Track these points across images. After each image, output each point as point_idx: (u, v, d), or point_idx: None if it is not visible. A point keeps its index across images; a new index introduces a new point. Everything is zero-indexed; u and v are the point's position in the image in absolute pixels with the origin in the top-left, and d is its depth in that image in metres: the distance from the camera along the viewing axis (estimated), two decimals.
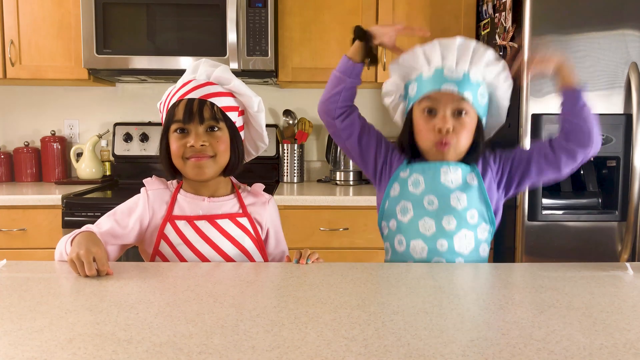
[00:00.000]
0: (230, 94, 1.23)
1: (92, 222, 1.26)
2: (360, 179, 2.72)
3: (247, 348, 0.70)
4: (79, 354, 0.68)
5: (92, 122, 2.87)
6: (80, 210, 2.17)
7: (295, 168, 2.75)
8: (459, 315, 0.83)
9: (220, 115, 1.19)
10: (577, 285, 1.01)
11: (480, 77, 1.21)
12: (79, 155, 2.73)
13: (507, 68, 1.25)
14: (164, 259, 1.22)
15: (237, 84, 1.22)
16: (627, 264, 1.14)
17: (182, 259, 1.21)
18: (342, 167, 2.70)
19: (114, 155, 2.75)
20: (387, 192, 1.27)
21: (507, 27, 2.12)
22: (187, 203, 1.24)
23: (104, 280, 1.02)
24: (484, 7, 2.42)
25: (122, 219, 1.23)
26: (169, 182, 1.30)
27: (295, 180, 2.76)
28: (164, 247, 1.21)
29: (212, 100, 1.19)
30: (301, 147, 2.77)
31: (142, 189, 1.26)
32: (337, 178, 2.69)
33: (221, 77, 1.22)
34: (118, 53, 2.37)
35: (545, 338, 0.74)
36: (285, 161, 2.74)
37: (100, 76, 2.54)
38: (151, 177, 1.29)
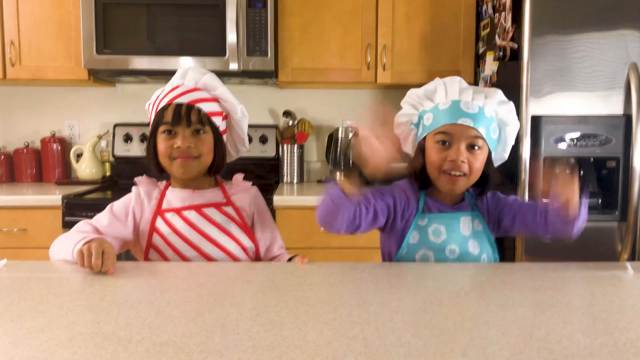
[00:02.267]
0: (216, 99, 1.31)
1: None
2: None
3: (247, 348, 0.70)
4: (79, 353, 0.68)
5: (92, 123, 2.87)
6: (80, 210, 2.17)
7: (295, 168, 2.75)
8: (459, 315, 0.83)
9: (205, 119, 1.27)
10: (577, 285, 1.01)
11: (493, 113, 1.25)
12: (79, 155, 2.73)
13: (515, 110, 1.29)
14: (157, 251, 1.28)
15: (222, 91, 1.30)
16: (627, 264, 1.14)
17: (173, 248, 1.27)
18: (342, 168, 2.70)
19: (114, 155, 2.75)
20: (407, 240, 1.27)
21: (507, 27, 2.13)
22: (174, 197, 1.32)
23: (104, 280, 1.02)
24: (484, 7, 2.42)
25: (119, 215, 1.30)
26: (158, 182, 1.38)
27: (295, 181, 2.76)
28: (156, 239, 1.28)
29: (199, 105, 1.27)
30: (301, 147, 2.77)
31: (134, 187, 1.35)
32: (337, 178, 2.69)
33: (208, 84, 1.30)
34: (118, 53, 2.37)
35: (545, 338, 0.74)
36: (285, 162, 2.74)
37: (100, 76, 2.54)
38: (142, 176, 1.37)
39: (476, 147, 1.22)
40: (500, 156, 1.35)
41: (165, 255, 1.28)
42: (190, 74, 1.31)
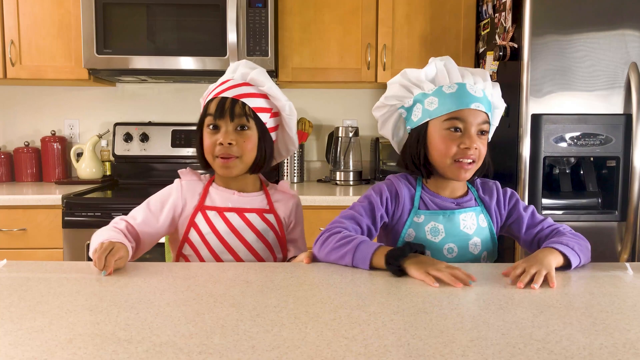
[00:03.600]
0: (265, 95, 1.28)
1: (92, 223, 1.29)
2: (360, 179, 2.72)
3: (247, 348, 0.70)
4: (79, 354, 0.68)
5: (92, 122, 2.87)
6: (80, 210, 2.17)
7: (295, 168, 2.75)
8: (459, 315, 0.83)
9: (251, 114, 1.24)
10: (577, 285, 1.01)
11: (490, 96, 1.22)
12: (79, 155, 2.73)
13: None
14: (192, 247, 1.28)
15: (270, 87, 1.27)
16: (627, 264, 1.14)
17: (209, 247, 1.27)
18: (342, 167, 2.70)
19: (114, 155, 2.75)
20: (402, 238, 1.24)
21: (507, 27, 2.13)
22: (218, 195, 1.31)
23: (104, 281, 1.02)
24: (484, 7, 2.42)
25: (155, 209, 1.29)
26: (201, 175, 1.36)
27: (295, 180, 2.76)
28: (193, 235, 1.28)
29: (244, 100, 1.24)
30: (301, 147, 2.77)
31: (177, 180, 1.33)
32: (337, 178, 2.69)
33: (256, 79, 1.27)
34: (118, 53, 2.37)
35: (545, 338, 0.74)
36: (285, 161, 2.74)
37: (100, 76, 2.54)
38: (185, 168, 1.36)
39: (484, 133, 1.18)
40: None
41: (199, 253, 1.27)
42: (239, 69, 1.29)
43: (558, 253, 1.09)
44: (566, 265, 1.10)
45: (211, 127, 1.25)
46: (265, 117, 1.27)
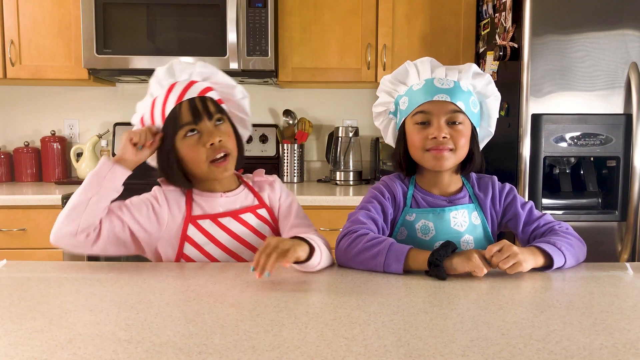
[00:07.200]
0: (211, 88, 1.23)
1: None
2: (360, 179, 2.72)
3: (247, 348, 0.70)
4: (79, 354, 0.68)
5: (92, 122, 2.87)
6: None
7: (295, 168, 2.75)
8: (459, 315, 0.83)
9: (220, 108, 1.20)
10: (577, 285, 1.01)
11: (470, 86, 1.22)
12: (79, 155, 2.73)
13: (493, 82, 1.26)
14: (191, 262, 1.20)
15: (220, 77, 1.23)
16: (627, 264, 1.14)
17: (211, 258, 1.21)
18: (342, 167, 2.70)
19: (114, 155, 2.75)
20: (394, 236, 1.23)
21: (507, 27, 2.13)
22: (204, 202, 1.23)
23: (104, 280, 1.02)
24: (484, 7, 2.42)
25: (136, 208, 1.18)
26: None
27: (295, 180, 2.76)
28: (188, 249, 1.20)
29: (208, 95, 1.20)
30: (301, 147, 2.77)
31: (157, 188, 1.23)
32: (337, 178, 2.69)
33: (205, 73, 1.22)
34: (118, 53, 2.37)
35: (545, 338, 0.74)
36: (285, 161, 2.74)
37: (100, 76, 2.54)
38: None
39: (457, 122, 1.18)
40: (487, 132, 1.31)
41: None
42: (177, 69, 1.20)
43: (539, 254, 1.08)
44: (549, 265, 1.09)
45: (189, 134, 1.16)
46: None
